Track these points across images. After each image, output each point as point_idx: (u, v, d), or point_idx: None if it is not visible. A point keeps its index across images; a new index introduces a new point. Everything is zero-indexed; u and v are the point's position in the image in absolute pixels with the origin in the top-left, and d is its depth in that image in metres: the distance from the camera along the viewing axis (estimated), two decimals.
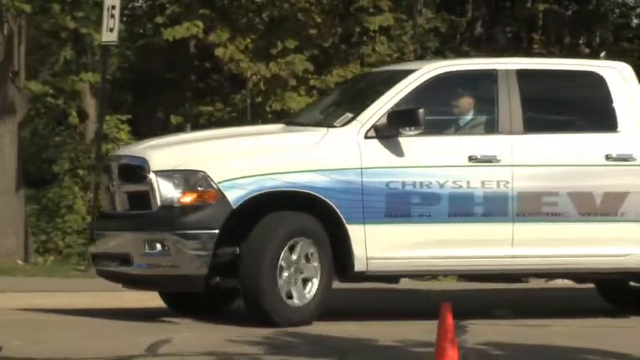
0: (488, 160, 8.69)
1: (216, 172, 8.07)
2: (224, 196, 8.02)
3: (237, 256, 8.16)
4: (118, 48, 17.52)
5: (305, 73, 17.09)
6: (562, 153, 8.98)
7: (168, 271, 8.09)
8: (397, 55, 17.33)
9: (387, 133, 8.53)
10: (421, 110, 8.42)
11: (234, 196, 8.02)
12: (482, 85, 9.27)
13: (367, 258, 8.32)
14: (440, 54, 17.54)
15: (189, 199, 8.08)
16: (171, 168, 8.11)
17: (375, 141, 8.52)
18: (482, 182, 8.64)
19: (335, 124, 8.67)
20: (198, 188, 8.06)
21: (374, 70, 12.08)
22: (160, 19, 17.96)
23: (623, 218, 8.94)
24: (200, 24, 17.38)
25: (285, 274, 8.19)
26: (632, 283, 9.52)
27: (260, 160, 8.34)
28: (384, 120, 8.52)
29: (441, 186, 8.54)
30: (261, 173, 8.16)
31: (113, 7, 13.53)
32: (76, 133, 17.81)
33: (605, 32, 19.70)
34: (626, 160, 9.02)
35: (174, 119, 18.31)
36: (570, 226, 8.86)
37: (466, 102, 9.07)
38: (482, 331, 8.51)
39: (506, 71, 9.10)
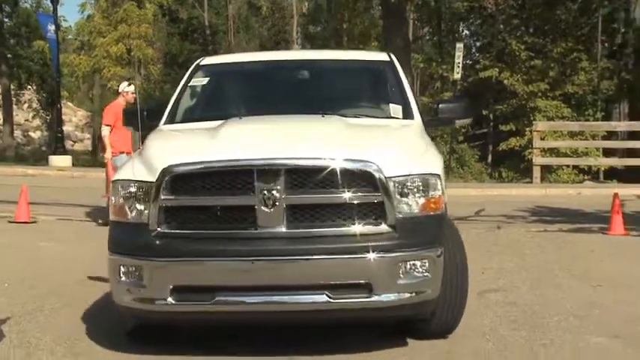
0: None
1: (441, 174, 6.07)
2: (445, 201, 6.11)
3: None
4: (461, 82, 27.18)
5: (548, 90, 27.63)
6: None
7: (424, 297, 5.88)
8: None
9: (439, 122, 7.58)
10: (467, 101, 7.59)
11: (445, 199, 6.13)
12: None
13: None
14: None
15: (431, 208, 5.96)
16: (406, 173, 5.89)
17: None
18: None
19: (393, 115, 7.29)
20: (433, 194, 5.95)
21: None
22: (478, 67, 29.53)
23: None
24: (497, 69, 28.81)
25: None
26: None
27: (438, 158, 6.40)
28: (430, 109, 7.59)
29: None
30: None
31: (459, 64, 23.55)
32: None
33: None
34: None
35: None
36: None
37: None
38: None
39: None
